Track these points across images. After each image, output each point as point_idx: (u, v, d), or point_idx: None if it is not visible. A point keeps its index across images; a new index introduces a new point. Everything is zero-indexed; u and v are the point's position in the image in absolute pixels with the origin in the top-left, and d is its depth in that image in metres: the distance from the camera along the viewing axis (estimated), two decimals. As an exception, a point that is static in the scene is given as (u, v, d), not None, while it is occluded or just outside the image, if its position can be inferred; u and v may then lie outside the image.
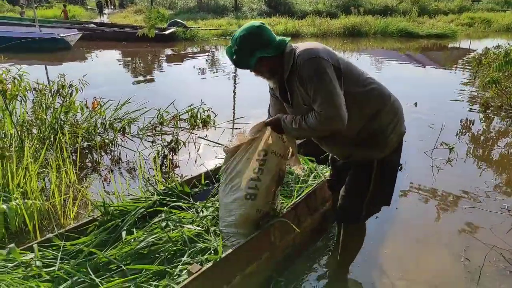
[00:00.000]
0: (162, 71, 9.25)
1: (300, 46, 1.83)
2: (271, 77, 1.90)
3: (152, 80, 7.98)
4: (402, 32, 15.52)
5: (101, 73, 8.54)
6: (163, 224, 2.11)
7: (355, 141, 1.92)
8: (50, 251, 1.91)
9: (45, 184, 3.01)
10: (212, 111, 3.87)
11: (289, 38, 1.87)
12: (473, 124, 5.07)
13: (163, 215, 2.21)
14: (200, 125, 3.76)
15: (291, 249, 2.30)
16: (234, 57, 1.83)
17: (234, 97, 6.59)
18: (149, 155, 3.61)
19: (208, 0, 22.51)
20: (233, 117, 4.88)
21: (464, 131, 4.87)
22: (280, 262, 2.24)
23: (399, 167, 3.64)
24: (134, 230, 2.10)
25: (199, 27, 15.08)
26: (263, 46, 1.78)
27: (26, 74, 3.03)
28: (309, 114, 1.75)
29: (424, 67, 10.11)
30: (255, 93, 6.88)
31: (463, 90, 7.13)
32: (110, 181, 3.31)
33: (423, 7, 21.55)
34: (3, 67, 2.84)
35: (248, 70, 1.87)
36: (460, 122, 5.07)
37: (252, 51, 1.77)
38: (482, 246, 2.54)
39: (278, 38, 1.85)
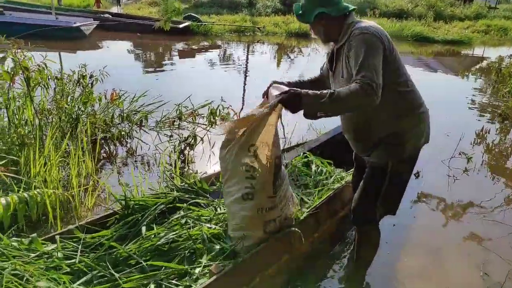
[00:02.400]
0: (174, 64, 9.24)
1: (362, 22, 1.86)
2: (326, 39, 1.96)
3: (163, 72, 8.00)
4: (417, 36, 15.35)
5: (114, 63, 8.54)
6: (183, 221, 2.11)
7: (377, 137, 1.95)
8: (71, 242, 1.91)
9: (63, 174, 3.02)
10: (232, 109, 3.86)
11: (354, 7, 1.91)
12: (488, 133, 5.00)
13: (182, 212, 2.21)
14: (218, 122, 3.76)
15: (310, 253, 2.28)
16: (300, 11, 1.90)
17: (243, 91, 6.58)
18: (165, 149, 3.60)
19: (223, -5, 22.42)
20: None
21: (479, 140, 4.81)
22: (299, 265, 2.23)
23: (416, 175, 3.63)
24: (154, 225, 2.09)
25: (213, 22, 15.05)
26: (326, 4, 1.85)
27: (51, 62, 3.03)
28: (343, 87, 1.69)
29: (436, 72, 10.01)
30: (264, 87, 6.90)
31: (475, 98, 7.04)
32: (122, 174, 3.32)
33: (439, 12, 21.30)
34: (28, 54, 2.83)
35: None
36: (476, 131, 5.02)
37: (315, 6, 1.85)
38: (501, 261, 2.50)
39: (345, 4, 1.90)
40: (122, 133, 3.93)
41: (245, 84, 7.51)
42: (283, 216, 2.03)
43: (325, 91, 1.64)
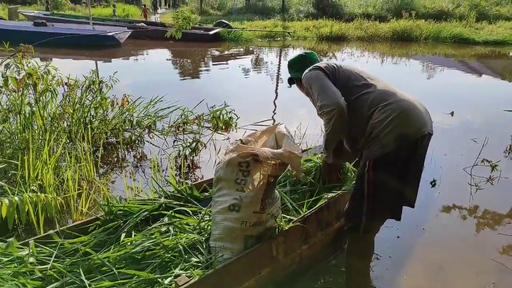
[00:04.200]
0: (203, 71, 9.34)
1: None
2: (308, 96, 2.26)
3: (196, 77, 8.13)
4: (456, 38, 14.61)
5: (146, 69, 8.80)
6: (163, 229, 2.05)
7: (361, 142, 1.99)
8: (47, 248, 1.90)
9: (66, 177, 3.07)
10: (235, 113, 3.79)
11: (311, 68, 2.14)
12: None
13: (166, 219, 2.16)
14: (223, 127, 3.71)
15: (297, 266, 2.15)
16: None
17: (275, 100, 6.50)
18: (170, 154, 3.59)
19: (256, 2, 22.55)
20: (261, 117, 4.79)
21: (509, 147, 4.42)
22: (284, 278, 2.10)
23: (432, 183, 3.38)
24: (133, 233, 2.05)
25: (243, 28, 15.12)
26: (297, 70, 2.30)
27: (55, 69, 3.10)
28: None
29: (480, 75, 9.42)
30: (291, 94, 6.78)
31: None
32: (126, 179, 3.33)
33: (483, 12, 20.15)
34: (33, 60, 2.92)
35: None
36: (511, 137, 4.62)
37: (291, 73, 2.37)
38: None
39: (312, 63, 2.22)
40: (132, 138, 3.96)
41: (277, 88, 7.46)
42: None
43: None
